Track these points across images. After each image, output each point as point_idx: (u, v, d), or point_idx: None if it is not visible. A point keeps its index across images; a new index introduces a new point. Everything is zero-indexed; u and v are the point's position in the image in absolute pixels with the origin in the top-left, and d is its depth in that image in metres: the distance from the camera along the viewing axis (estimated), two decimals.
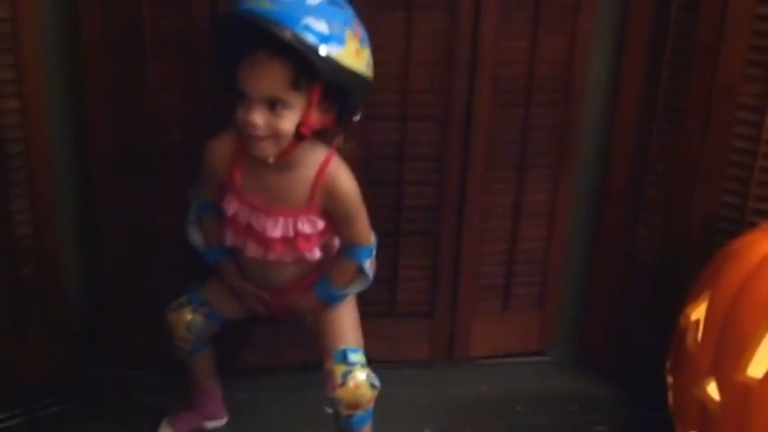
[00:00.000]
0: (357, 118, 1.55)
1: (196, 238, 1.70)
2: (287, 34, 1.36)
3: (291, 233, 1.55)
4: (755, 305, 1.57)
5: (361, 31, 1.47)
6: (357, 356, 1.63)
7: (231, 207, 1.57)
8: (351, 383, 1.60)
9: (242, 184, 1.56)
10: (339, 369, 1.61)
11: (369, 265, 1.65)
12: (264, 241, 1.57)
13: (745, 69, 1.74)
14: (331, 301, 1.66)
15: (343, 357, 1.61)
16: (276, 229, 1.55)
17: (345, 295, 1.67)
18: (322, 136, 1.53)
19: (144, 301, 1.91)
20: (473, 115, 1.88)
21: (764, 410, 1.56)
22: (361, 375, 1.61)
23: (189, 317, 1.71)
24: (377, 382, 1.63)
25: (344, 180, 1.55)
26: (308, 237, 1.56)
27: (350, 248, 1.62)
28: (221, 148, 1.56)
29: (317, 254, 1.59)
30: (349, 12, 1.46)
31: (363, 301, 1.92)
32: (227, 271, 1.70)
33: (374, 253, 1.65)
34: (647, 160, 1.90)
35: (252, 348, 2.00)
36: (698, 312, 1.68)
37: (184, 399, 1.85)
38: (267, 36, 1.37)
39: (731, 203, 1.82)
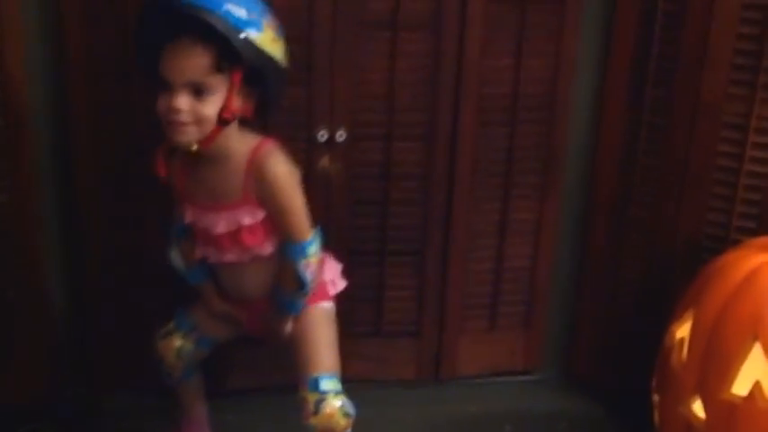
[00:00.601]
0: (343, 136, 1.56)
1: (178, 261, 1.70)
2: (210, 18, 1.40)
3: (233, 226, 1.55)
4: (740, 323, 1.58)
5: (275, 22, 1.51)
6: (330, 384, 1.61)
7: (187, 214, 1.59)
8: (324, 412, 1.58)
9: (187, 187, 1.58)
10: (312, 397, 1.59)
11: (304, 266, 1.58)
12: (216, 242, 1.58)
13: (728, 88, 1.75)
14: (286, 309, 1.63)
15: (316, 385, 1.60)
16: (219, 225, 1.55)
17: (298, 303, 1.63)
18: (245, 125, 1.54)
19: (130, 323, 1.90)
20: (458, 134, 1.89)
21: (749, 428, 1.57)
22: (334, 403, 1.59)
23: (178, 343, 1.71)
24: (351, 410, 1.61)
25: (274, 163, 1.54)
26: (251, 229, 1.56)
27: (284, 246, 1.59)
28: (162, 155, 1.56)
29: (267, 248, 1.58)
30: (263, 4, 1.50)
31: (349, 321, 1.93)
32: (207, 293, 1.70)
33: (310, 252, 1.58)
34: (632, 179, 1.91)
35: (238, 369, 1.99)
36: (683, 330, 1.69)
37: (171, 421, 1.84)
38: (189, 22, 1.40)
39: (716, 221, 1.83)
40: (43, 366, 1.88)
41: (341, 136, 1.83)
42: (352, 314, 1.93)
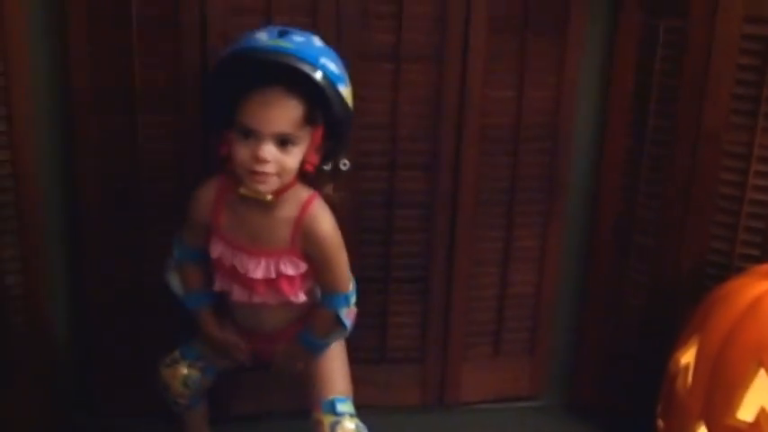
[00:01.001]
0: (347, 165, 1.59)
1: (175, 283, 1.70)
2: (311, 70, 1.41)
3: (273, 274, 1.55)
4: (744, 349, 1.58)
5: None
6: (345, 406, 1.62)
7: (216, 249, 1.58)
8: None
9: (225, 225, 1.56)
10: (327, 419, 1.60)
11: (345, 314, 1.64)
12: (248, 284, 1.57)
13: (729, 118, 1.76)
14: (313, 350, 1.66)
15: (332, 407, 1.61)
16: (258, 270, 1.55)
17: (327, 344, 1.66)
18: (306, 178, 1.55)
19: (132, 349, 1.91)
20: (461, 163, 1.90)
21: None
22: (349, 426, 1.60)
23: (185, 371, 1.71)
24: None
25: (324, 222, 1.55)
26: (290, 278, 1.56)
27: (327, 296, 1.62)
28: (207, 194, 1.58)
29: (301, 297, 1.58)
30: (337, 55, 1.52)
31: (354, 347, 1.93)
32: (205, 319, 1.69)
33: (352, 301, 1.64)
34: (636, 207, 1.91)
35: (242, 395, 1.99)
36: (688, 357, 1.70)
37: None
38: (285, 72, 1.40)
39: (719, 249, 1.83)
40: (44, 393, 1.88)
41: (345, 165, 1.83)
42: (357, 340, 1.92)
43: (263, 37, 1.46)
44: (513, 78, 1.88)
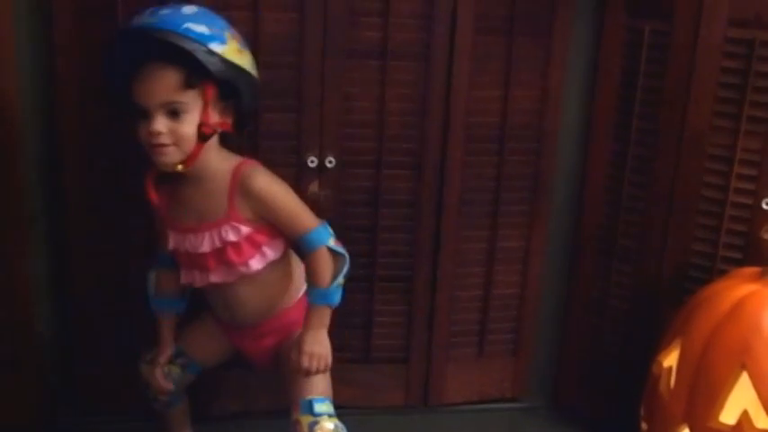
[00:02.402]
0: (332, 163, 1.58)
1: (150, 284, 1.72)
2: (172, 37, 1.43)
3: (218, 243, 1.56)
4: (727, 352, 1.59)
5: (239, 35, 1.54)
6: (324, 407, 1.61)
7: (171, 240, 1.60)
8: None
9: (169, 211, 1.59)
10: (305, 420, 1.59)
11: (334, 243, 1.60)
12: (200, 263, 1.59)
13: (712, 121, 1.77)
14: (332, 301, 1.61)
15: (310, 408, 1.60)
16: (204, 244, 1.56)
17: (339, 287, 1.61)
18: (225, 142, 1.58)
19: (119, 347, 1.90)
20: (447, 163, 1.90)
21: None
22: (327, 426, 1.59)
23: (165, 368, 1.71)
24: None
25: (257, 178, 1.56)
26: (235, 245, 1.56)
27: (306, 240, 1.59)
28: (147, 184, 1.59)
29: (252, 265, 1.58)
30: (224, 20, 1.53)
31: (338, 347, 1.92)
32: (162, 327, 1.72)
33: (329, 230, 1.61)
34: (619, 209, 1.92)
35: (226, 394, 1.98)
36: (670, 359, 1.70)
37: None
38: (153, 46, 1.44)
39: (702, 251, 1.84)
40: (30, 391, 1.87)
41: (330, 162, 1.84)
42: (341, 340, 1.93)
43: (135, 19, 1.49)
44: (498, 78, 1.88)
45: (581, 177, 1.97)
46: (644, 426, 1.78)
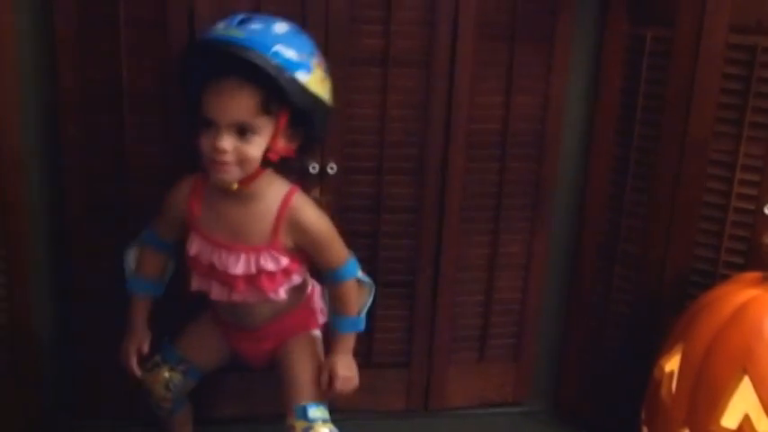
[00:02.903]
0: (334, 169, 1.61)
1: (130, 261, 1.68)
2: (260, 59, 1.40)
3: (254, 270, 1.54)
4: (728, 357, 1.59)
5: (323, 61, 1.52)
6: (318, 412, 1.61)
7: (194, 246, 1.57)
8: None
9: (202, 219, 1.56)
10: (300, 425, 1.59)
11: (362, 274, 1.66)
12: (227, 281, 1.56)
13: (714, 127, 1.77)
14: (360, 329, 1.67)
15: (304, 413, 1.60)
16: (238, 266, 1.54)
17: (364, 316, 1.67)
18: (284, 167, 1.55)
19: (118, 351, 1.89)
20: (448, 169, 1.91)
21: None
22: (322, 431, 1.59)
23: (166, 375, 1.71)
24: None
25: (308, 210, 1.56)
26: (270, 275, 1.56)
27: (337, 273, 1.62)
28: (182, 189, 1.59)
29: (281, 294, 1.58)
30: (312, 43, 1.51)
31: None
32: (136, 307, 1.68)
33: (356, 265, 1.65)
34: (621, 214, 1.92)
35: (226, 398, 1.98)
36: (672, 364, 1.70)
37: None
38: (237, 62, 1.41)
39: (704, 257, 1.84)
40: (30, 398, 1.87)
41: (332, 169, 1.84)
42: None
43: (221, 27, 1.46)
44: (500, 85, 1.88)
45: (583, 183, 1.98)
46: (645, 430, 1.78)
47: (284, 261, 1.55)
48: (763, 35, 1.70)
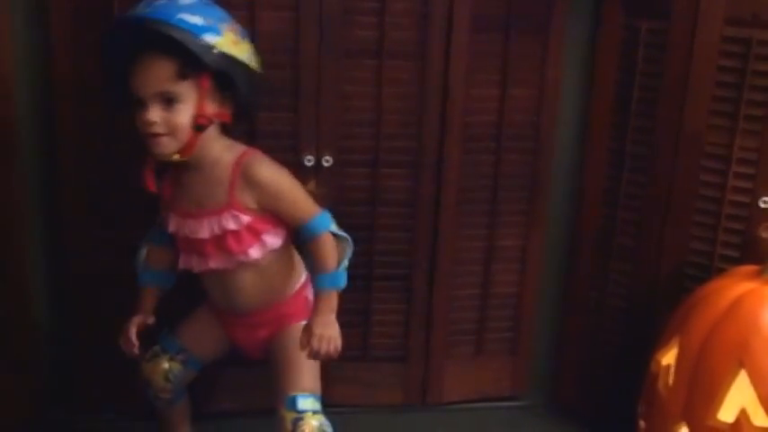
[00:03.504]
0: (329, 162, 1.59)
1: (140, 256, 1.70)
2: (164, 27, 1.44)
3: (217, 231, 1.56)
4: (725, 350, 1.59)
5: (238, 27, 1.54)
6: (308, 403, 1.61)
7: (171, 223, 1.61)
8: (301, 431, 1.57)
9: (172, 197, 1.60)
10: (289, 416, 1.59)
11: (336, 228, 1.63)
12: (198, 249, 1.59)
13: (709, 119, 1.77)
14: (339, 284, 1.62)
15: (293, 404, 1.60)
16: (203, 230, 1.57)
17: (345, 270, 1.63)
18: (227, 132, 1.58)
19: (116, 344, 1.89)
20: (444, 161, 1.91)
21: None
22: (312, 422, 1.58)
23: (166, 365, 1.71)
24: (329, 429, 1.60)
25: (263, 166, 1.57)
26: (236, 234, 1.57)
27: (308, 226, 1.61)
28: (148, 168, 1.59)
29: (251, 254, 1.58)
30: (223, 11, 1.53)
31: None
32: (144, 297, 1.69)
33: (329, 218, 1.62)
34: (617, 207, 1.92)
35: (222, 392, 1.99)
36: (669, 357, 1.70)
37: None
38: (148, 36, 1.44)
39: (699, 250, 1.84)
40: (27, 390, 1.87)
41: (327, 161, 1.84)
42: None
43: (133, 9, 1.49)
44: (495, 77, 1.88)
45: (578, 176, 1.97)
46: (642, 424, 1.78)
47: (245, 218, 1.56)
48: (758, 28, 1.69)
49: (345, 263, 1.63)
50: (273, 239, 1.61)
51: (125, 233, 1.83)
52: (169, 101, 1.48)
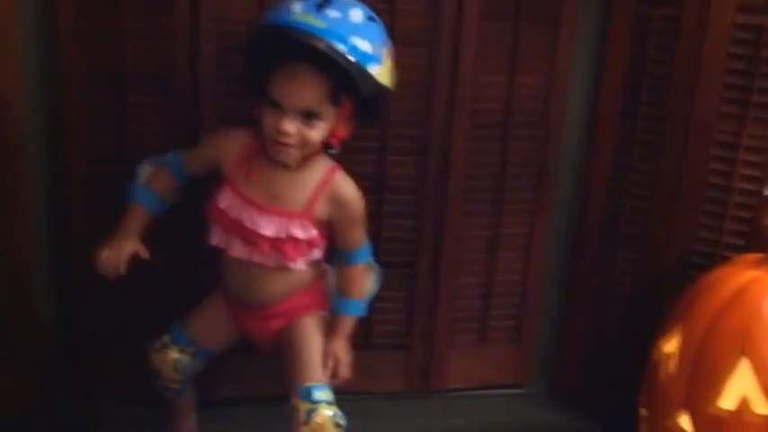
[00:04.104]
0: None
1: (143, 171, 1.66)
2: (336, 53, 1.42)
3: (284, 234, 1.56)
4: (727, 338, 1.60)
5: (391, 47, 1.54)
6: (323, 394, 1.60)
7: (225, 199, 1.58)
8: (315, 421, 1.57)
9: (243, 178, 1.57)
10: (303, 406, 1.58)
11: (372, 259, 1.71)
12: (252, 240, 1.57)
13: (719, 107, 1.77)
14: (362, 314, 1.71)
15: (308, 394, 1.59)
16: (269, 228, 1.56)
17: (368, 300, 1.73)
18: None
19: (118, 333, 1.90)
20: (452, 149, 1.90)
21: None
22: (326, 413, 1.58)
23: (176, 356, 1.70)
24: (342, 421, 1.60)
25: (351, 187, 1.60)
26: (296, 242, 1.57)
27: (353, 254, 1.66)
28: (235, 139, 1.60)
29: (299, 264, 1.59)
30: (383, 29, 1.53)
31: None
32: (133, 214, 1.61)
33: (371, 248, 1.70)
34: (624, 196, 1.92)
35: (226, 379, 1.98)
36: (671, 345, 1.70)
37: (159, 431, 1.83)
38: (313, 51, 1.42)
39: (706, 238, 1.84)
40: (28, 377, 1.86)
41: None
42: None
43: (298, 9, 1.45)
44: (504, 65, 1.88)
45: (586, 164, 1.97)
46: (643, 411, 1.78)
47: (312, 232, 1.57)
48: None
49: (371, 294, 1.73)
50: (319, 253, 1.63)
51: None
52: (309, 116, 1.47)
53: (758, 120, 1.74)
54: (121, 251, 1.56)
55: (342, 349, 1.67)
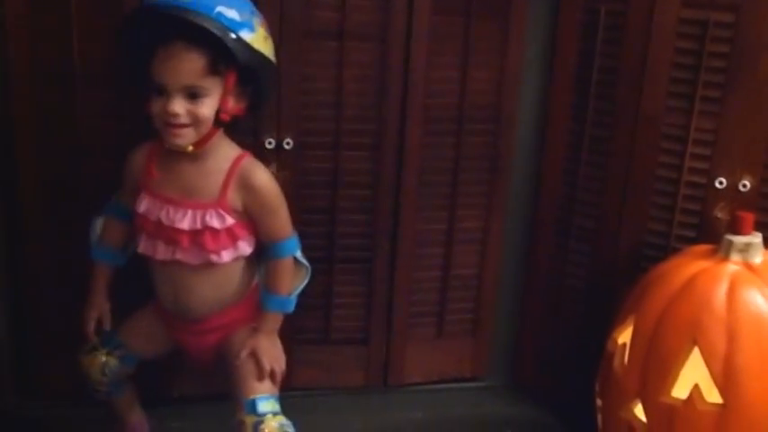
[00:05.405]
0: (290, 144, 1.59)
1: (95, 230, 1.69)
2: (205, 22, 1.42)
3: (199, 225, 1.55)
4: (678, 328, 1.62)
5: (264, 20, 1.54)
6: (268, 405, 1.59)
7: (143, 204, 1.58)
8: None
9: (156, 180, 1.57)
10: (250, 420, 1.57)
11: (300, 255, 1.67)
12: (173, 238, 1.56)
13: (667, 101, 1.79)
14: (288, 310, 1.68)
15: (253, 408, 1.58)
16: (184, 221, 1.55)
17: (296, 297, 1.68)
18: (235, 126, 1.58)
19: (69, 333, 1.87)
20: (405, 144, 1.91)
21: (688, 431, 1.60)
22: (273, 424, 1.56)
23: (103, 359, 1.68)
24: (291, 429, 1.58)
25: (260, 173, 1.58)
26: (215, 233, 1.56)
27: (277, 246, 1.63)
28: (138, 154, 1.61)
29: (223, 256, 1.58)
30: (252, 4, 1.52)
31: (297, 329, 1.94)
32: (97, 275, 1.68)
33: (297, 244, 1.67)
34: (577, 189, 1.94)
35: (183, 376, 1.97)
36: (624, 336, 1.72)
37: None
38: (182, 26, 1.42)
39: (657, 230, 1.86)
40: None
41: (288, 144, 1.83)
42: (300, 321, 1.93)
43: None
44: (456, 59, 1.88)
45: (539, 158, 1.99)
46: (598, 401, 1.80)
47: (229, 220, 1.56)
48: (715, 9, 1.71)
49: (299, 290, 1.68)
50: (246, 247, 1.60)
51: (83, 217, 1.80)
52: (194, 93, 1.47)
53: (705, 113, 1.76)
54: (86, 325, 1.67)
55: (264, 342, 1.63)
